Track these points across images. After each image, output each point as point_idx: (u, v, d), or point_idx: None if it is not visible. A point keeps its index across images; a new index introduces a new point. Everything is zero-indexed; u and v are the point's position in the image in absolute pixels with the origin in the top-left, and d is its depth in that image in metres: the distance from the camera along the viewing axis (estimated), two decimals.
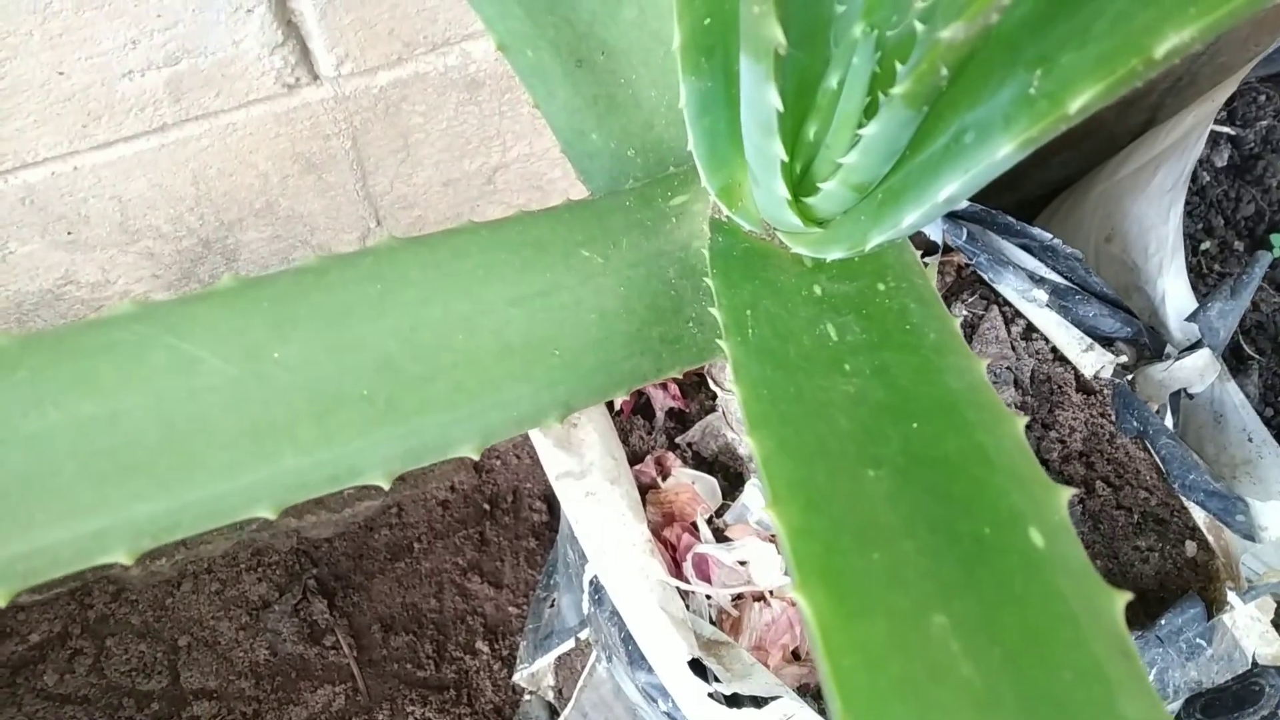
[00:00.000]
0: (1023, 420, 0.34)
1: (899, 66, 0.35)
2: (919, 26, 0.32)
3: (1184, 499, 0.69)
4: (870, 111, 0.38)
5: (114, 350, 0.34)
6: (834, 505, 0.29)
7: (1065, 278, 0.79)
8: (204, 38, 0.54)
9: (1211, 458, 0.81)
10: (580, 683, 0.82)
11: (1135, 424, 0.71)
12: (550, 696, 0.97)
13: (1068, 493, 0.30)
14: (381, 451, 0.37)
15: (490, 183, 0.79)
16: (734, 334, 0.39)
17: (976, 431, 0.33)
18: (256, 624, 1.09)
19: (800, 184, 0.43)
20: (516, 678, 0.98)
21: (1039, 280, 0.78)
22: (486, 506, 1.18)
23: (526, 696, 1.01)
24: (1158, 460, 0.71)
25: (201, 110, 0.59)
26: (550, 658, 0.89)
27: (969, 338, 0.79)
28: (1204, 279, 0.97)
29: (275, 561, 1.12)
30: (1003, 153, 0.31)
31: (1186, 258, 1.02)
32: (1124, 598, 0.27)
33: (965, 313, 0.81)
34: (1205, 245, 0.99)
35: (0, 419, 0.31)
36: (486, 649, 1.09)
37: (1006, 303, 0.80)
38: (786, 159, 0.37)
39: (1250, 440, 0.77)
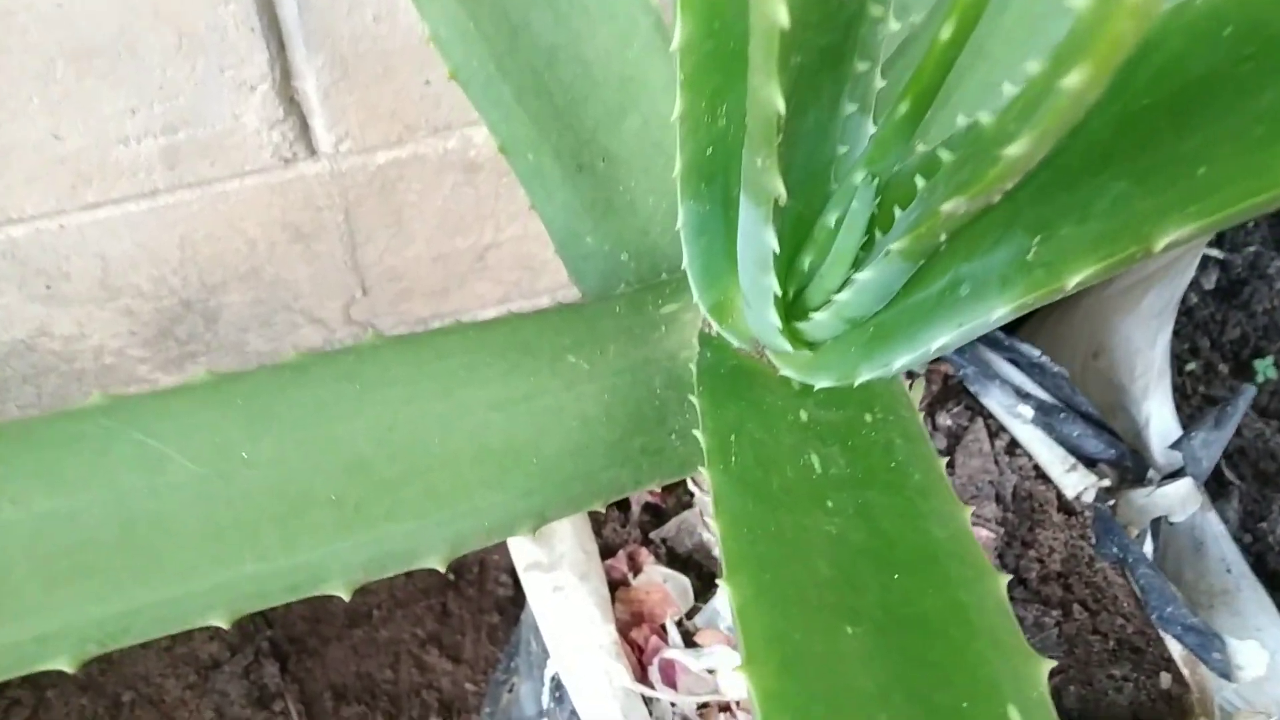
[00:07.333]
0: (1004, 579, 0.33)
1: (897, 211, 0.34)
2: (920, 182, 0.32)
3: (1161, 631, 0.68)
4: (867, 246, 0.38)
5: (79, 444, 0.33)
6: (810, 667, 0.28)
7: (1052, 395, 0.79)
8: (204, 110, 0.54)
9: (1190, 584, 0.80)
10: None
11: (1114, 550, 0.70)
12: None
13: (1048, 665, 0.29)
14: (345, 560, 0.36)
15: (481, 260, 0.78)
16: (717, 461, 0.38)
17: (958, 589, 0.32)
18: (205, 684, 1.05)
19: (792, 308, 0.43)
20: None
21: (1025, 396, 0.78)
22: (450, 576, 1.16)
23: None
24: (1136, 589, 0.70)
25: (195, 178, 0.59)
26: None
27: (952, 448, 0.79)
28: (1187, 400, 0.97)
29: None
30: (997, 314, 0.31)
31: (1171, 378, 1.02)
32: None
33: (950, 422, 0.80)
34: (1190, 366, 0.99)
35: None
36: None
37: (991, 415, 0.80)
38: (780, 293, 0.37)
39: (1229, 571, 0.76)
